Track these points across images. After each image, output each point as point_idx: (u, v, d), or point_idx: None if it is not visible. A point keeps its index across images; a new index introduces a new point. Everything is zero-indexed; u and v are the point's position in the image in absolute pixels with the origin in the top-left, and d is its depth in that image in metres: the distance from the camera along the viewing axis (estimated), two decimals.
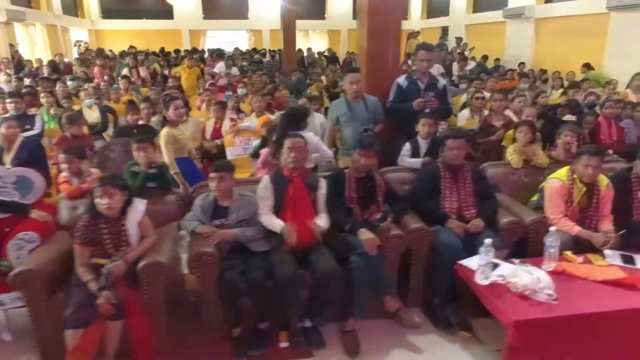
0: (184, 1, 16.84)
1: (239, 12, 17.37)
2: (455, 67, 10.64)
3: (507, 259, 2.86)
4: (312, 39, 18.52)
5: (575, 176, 3.12)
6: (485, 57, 11.79)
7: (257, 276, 2.69)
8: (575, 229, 3.02)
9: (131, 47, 16.12)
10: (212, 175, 2.88)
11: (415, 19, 18.15)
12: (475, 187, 3.20)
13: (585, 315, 2.32)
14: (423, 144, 3.69)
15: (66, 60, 12.43)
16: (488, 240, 2.56)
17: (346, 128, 4.10)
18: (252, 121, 5.02)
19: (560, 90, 8.67)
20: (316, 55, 14.29)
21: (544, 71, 9.94)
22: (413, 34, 15.39)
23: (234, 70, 11.21)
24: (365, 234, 2.78)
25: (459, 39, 13.44)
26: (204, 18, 17.32)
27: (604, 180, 3.14)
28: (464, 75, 10.15)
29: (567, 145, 3.76)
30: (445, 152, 3.21)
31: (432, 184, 3.20)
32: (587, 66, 9.42)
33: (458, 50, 12.62)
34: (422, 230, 2.99)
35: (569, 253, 2.88)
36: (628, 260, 2.84)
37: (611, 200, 3.14)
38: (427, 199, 3.18)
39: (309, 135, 3.84)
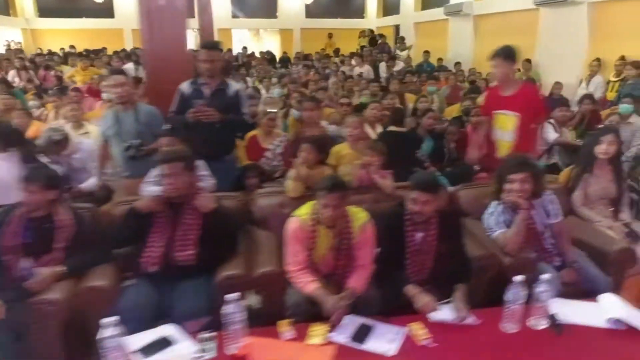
0: None
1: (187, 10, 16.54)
2: (382, 67, 9.88)
3: (199, 331, 2.09)
4: (263, 38, 17.73)
5: (318, 215, 2.34)
6: (427, 53, 11.03)
7: None
8: (309, 288, 2.24)
9: (71, 47, 15.39)
10: None
11: (372, 17, 17.41)
12: (206, 226, 2.44)
13: None
14: None
15: None
16: (108, 319, 1.77)
17: (114, 144, 3.33)
18: None
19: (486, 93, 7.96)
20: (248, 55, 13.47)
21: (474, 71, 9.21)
22: (363, 32, 14.74)
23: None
24: None
25: (401, 38, 12.69)
26: None
27: (359, 219, 2.37)
28: (390, 76, 9.46)
29: (366, 167, 3.00)
30: (160, 180, 2.45)
31: (143, 221, 2.43)
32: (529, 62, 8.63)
33: (397, 51, 11.90)
34: (94, 290, 2.21)
35: (285, 323, 2.11)
36: (360, 335, 2.07)
37: (370, 246, 2.37)
38: (127, 241, 2.41)
39: None
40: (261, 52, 14.44)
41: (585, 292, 2.50)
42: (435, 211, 2.40)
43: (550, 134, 4.57)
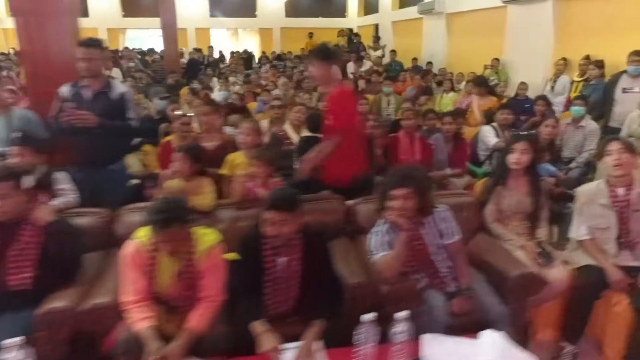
0: None
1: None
2: (350, 67, 9.57)
3: None
4: (241, 38, 17.41)
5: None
6: (393, 52, 10.76)
7: None
8: (139, 325, 1.91)
9: None
10: None
11: (353, 16, 17.11)
12: (47, 248, 2.13)
13: None
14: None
15: None
16: None
17: None
18: None
19: (451, 94, 7.65)
20: (215, 55, 13.05)
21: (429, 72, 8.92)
22: (341, 32, 14.46)
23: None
24: None
25: (376, 37, 12.39)
26: (124, 16, 16.17)
27: (205, 243, 2.05)
28: (358, 76, 9.17)
29: (251, 178, 2.69)
30: None
31: None
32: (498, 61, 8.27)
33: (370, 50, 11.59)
34: None
35: None
36: None
37: (218, 274, 2.05)
38: None
39: None
40: (236, 52, 14.12)
41: (480, 323, 2.19)
42: (299, 232, 2.09)
43: (491, 138, 4.26)
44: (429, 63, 10.00)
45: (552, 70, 6.95)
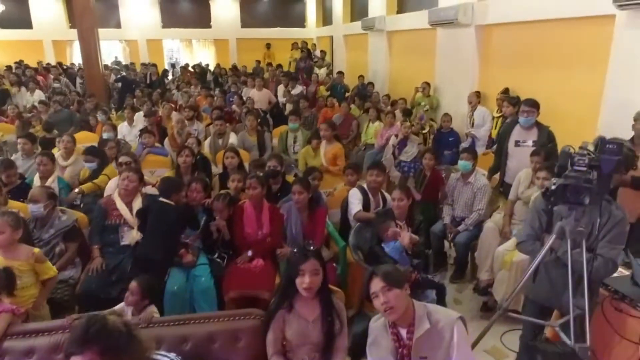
0: (44, 9, 15.06)
1: (111, 20, 15.56)
2: (280, 90, 8.99)
3: None
4: (196, 50, 16.77)
5: None
6: (341, 73, 10.16)
7: None
8: None
9: None
10: None
11: (312, 27, 16.54)
12: None
13: None
14: None
15: None
16: None
17: None
18: None
19: (377, 123, 7.09)
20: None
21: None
22: (295, 44, 13.99)
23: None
24: None
25: (322, 53, 11.82)
26: (71, 27, 15.44)
27: None
28: (286, 101, 8.62)
29: None
30: None
31: None
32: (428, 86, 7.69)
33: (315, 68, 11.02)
34: None
35: None
36: None
37: None
38: None
39: None
40: (184, 65, 13.50)
41: None
42: None
43: (355, 205, 3.71)
44: (370, 84, 9.46)
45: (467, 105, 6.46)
